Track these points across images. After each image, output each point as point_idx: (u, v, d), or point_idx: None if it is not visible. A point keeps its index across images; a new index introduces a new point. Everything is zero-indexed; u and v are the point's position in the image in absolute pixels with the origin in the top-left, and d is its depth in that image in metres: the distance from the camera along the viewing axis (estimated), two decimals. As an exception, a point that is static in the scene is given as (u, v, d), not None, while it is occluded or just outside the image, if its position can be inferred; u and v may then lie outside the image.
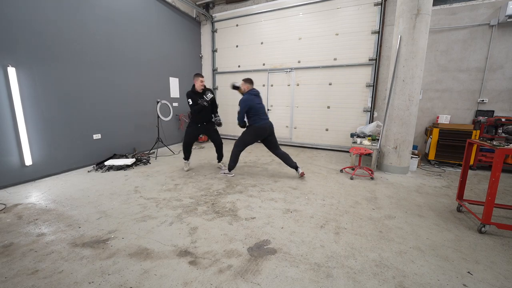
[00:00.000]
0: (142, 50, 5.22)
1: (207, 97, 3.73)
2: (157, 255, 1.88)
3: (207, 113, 3.90)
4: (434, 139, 4.46)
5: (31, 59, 3.38)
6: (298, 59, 6.01)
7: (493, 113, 4.55)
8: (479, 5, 4.43)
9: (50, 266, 1.74)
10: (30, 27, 3.34)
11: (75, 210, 2.61)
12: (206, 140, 6.94)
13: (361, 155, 4.05)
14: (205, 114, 3.87)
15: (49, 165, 3.68)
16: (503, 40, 4.35)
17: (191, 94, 3.76)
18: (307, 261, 1.83)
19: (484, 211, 2.19)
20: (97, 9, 4.21)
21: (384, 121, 4.10)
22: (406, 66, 3.74)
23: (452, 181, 3.72)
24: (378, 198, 3.03)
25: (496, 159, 2.10)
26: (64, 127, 3.84)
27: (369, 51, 5.27)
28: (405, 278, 1.67)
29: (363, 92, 5.47)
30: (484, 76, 4.54)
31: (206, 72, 7.34)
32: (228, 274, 1.68)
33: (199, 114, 3.80)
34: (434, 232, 2.27)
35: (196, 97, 3.73)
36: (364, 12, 5.22)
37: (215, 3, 6.82)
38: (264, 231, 2.23)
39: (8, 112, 3.19)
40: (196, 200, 2.91)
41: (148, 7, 5.29)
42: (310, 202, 2.89)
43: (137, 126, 5.22)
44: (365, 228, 2.32)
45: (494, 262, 1.85)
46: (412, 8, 3.59)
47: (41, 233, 2.17)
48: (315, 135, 6.14)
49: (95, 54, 4.22)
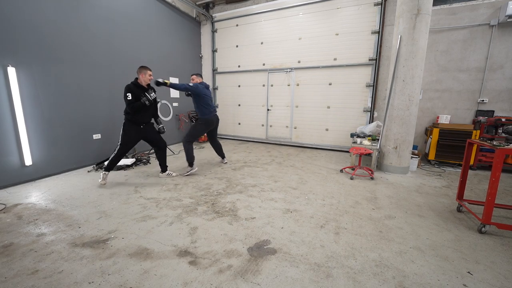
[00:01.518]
0: (142, 50, 5.22)
1: (151, 96, 3.30)
2: (157, 255, 1.88)
3: (150, 113, 3.48)
4: (434, 139, 4.46)
5: (31, 59, 3.38)
6: (298, 59, 6.01)
7: (493, 113, 4.55)
8: (479, 5, 4.43)
9: (50, 266, 1.74)
10: (30, 27, 3.34)
11: (75, 210, 2.61)
12: (206, 140, 6.93)
13: (361, 155, 4.05)
14: (147, 114, 3.43)
15: (49, 165, 3.68)
16: (503, 40, 4.35)
17: (132, 87, 3.24)
18: (307, 261, 1.83)
19: (484, 211, 2.19)
20: (97, 9, 4.21)
21: (384, 121, 4.10)
22: (406, 66, 3.74)
23: (452, 181, 3.72)
24: (378, 198, 3.03)
25: (496, 159, 2.10)
26: (64, 127, 3.84)
27: (369, 51, 5.27)
28: (405, 278, 1.67)
29: (363, 92, 5.47)
30: (484, 76, 4.54)
31: (206, 72, 7.34)
32: (228, 274, 1.68)
33: (138, 114, 3.31)
34: (434, 232, 2.27)
35: (139, 92, 3.26)
36: (364, 12, 5.22)
37: (215, 3, 6.82)
38: (264, 231, 2.23)
39: (8, 112, 3.19)
40: (196, 200, 2.91)
41: (148, 7, 5.29)
42: (310, 202, 2.89)
43: (137, 126, 5.22)
44: (365, 228, 2.32)
45: (494, 262, 1.85)
46: (412, 8, 3.59)
47: (41, 233, 2.16)
48: (315, 135, 6.14)
49: (95, 54, 4.22)
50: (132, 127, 3.35)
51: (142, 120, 3.39)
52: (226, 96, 7.27)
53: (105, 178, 3.34)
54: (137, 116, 3.32)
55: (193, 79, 4.01)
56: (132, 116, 3.31)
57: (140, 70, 3.31)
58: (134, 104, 3.20)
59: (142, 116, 3.37)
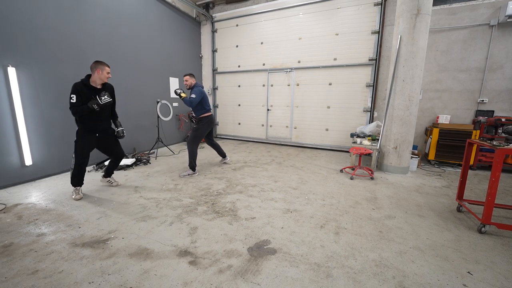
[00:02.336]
0: (142, 50, 5.22)
1: (101, 99, 2.66)
2: (157, 255, 1.88)
3: (104, 119, 2.87)
4: (434, 139, 4.46)
5: (31, 59, 3.38)
6: (298, 59, 6.01)
7: (493, 113, 4.56)
8: (479, 5, 4.43)
9: (50, 266, 1.74)
10: (30, 27, 3.34)
11: (75, 210, 2.61)
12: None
13: (361, 155, 4.05)
14: (101, 121, 2.83)
15: (49, 165, 3.68)
16: (503, 40, 4.35)
17: (80, 88, 2.61)
18: (307, 261, 1.83)
19: (484, 211, 2.19)
20: (97, 9, 4.21)
21: (384, 121, 4.10)
22: (406, 66, 3.74)
23: (452, 181, 3.72)
24: (378, 198, 3.03)
25: (496, 159, 2.10)
26: (64, 127, 3.83)
27: (369, 51, 5.27)
28: (405, 278, 1.67)
29: (363, 92, 5.47)
30: (484, 76, 4.54)
31: (206, 72, 7.35)
32: (228, 274, 1.68)
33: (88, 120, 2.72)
34: (434, 232, 2.27)
35: (89, 94, 2.64)
36: (364, 12, 5.22)
37: (215, 3, 6.82)
38: (264, 231, 2.23)
39: (8, 112, 3.19)
40: (196, 200, 2.91)
41: (148, 7, 5.29)
42: (310, 202, 2.89)
43: (137, 126, 5.22)
44: (365, 228, 2.32)
45: (494, 262, 1.85)
46: (412, 8, 3.59)
47: (41, 233, 2.16)
48: (315, 135, 6.14)
49: (95, 54, 4.22)
50: (84, 136, 2.77)
51: (96, 129, 2.82)
52: (226, 96, 7.27)
53: (78, 192, 2.90)
54: (88, 123, 2.73)
55: (187, 80, 3.86)
56: (82, 123, 2.71)
57: (95, 65, 2.66)
58: (78, 108, 2.60)
59: (94, 124, 2.77)
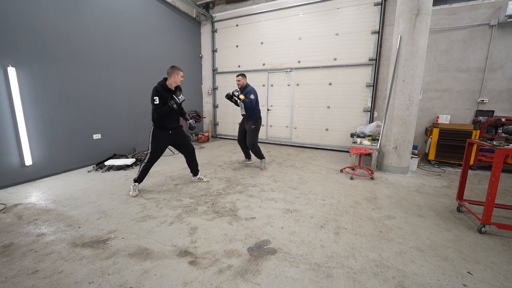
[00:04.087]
0: (142, 50, 5.22)
1: (179, 98, 3.00)
2: (157, 255, 1.88)
3: (177, 115, 3.19)
4: (434, 139, 4.46)
5: (31, 59, 3.38)
6: (298, 59, 6.01)
7: (493, 113, 4.55)
8: (479, 5, 4.43)
9: (50, 266, 1.74)
10: (30, 27, 3.34)
11: (75, 210, 2.61)
12: (206, 140, 6.93)
13: (361, 155, 4.05)
14: (174, 117, 3.14)
15: (49, 165, 3.68)
16: (503, 40, 4.35)
17: (161, 90, 2.93)
18: (307, 261, 1.83)
19: (484, 211, 2.19)
20: (97, 9, 4.21)
21: (384, 121, 4.10)
22: (406, 66, 3.74)
23: (452, 181, 3.72)
24: (378, 198, 3.03)
25: (496, 159, 2.10)
26: (64, 127, 3.84)
27: (369, 51, 5.27)
28: (405, 278, 1.67)
29: (363, 92, 5.47)
30: (484, 76, 4.54)
31: (206, 72, 7.35)
32: (228, 274, 1.68)
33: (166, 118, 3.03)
34: (434, 232, 2.27)
35: (167, 96, 2.95)
36: (364, 12, 5.22)
37: (215, 3, 6.82)
38: (264, 231, 2.23)
39: (8, 112, 3.19)
40: (196, 200, 2.91)
41: (148, 7, 5.29)
42: (310, 202, 2.89)
43: (137, 126, 5.22)
44: (365, 228, 2.32)
45: (494, 262, 1.85)
46: (412, 8, 3.59)
47: (41, 233, 2.16)
48: (315, 135, 6.14)
49: (95, 54, 4.23)
50: (160, 134, 3.08)
51: (170, 125, 3.11)
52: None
53: (135, 189, 3.07)
54: (164, 121, 3.03)
55: (240, 81, 3.94)
56: (159, 122, 3.02)
57: (172, 70, 2.99)
58: (161, 109, 2.90)
59: (169, 121, 3.08)
